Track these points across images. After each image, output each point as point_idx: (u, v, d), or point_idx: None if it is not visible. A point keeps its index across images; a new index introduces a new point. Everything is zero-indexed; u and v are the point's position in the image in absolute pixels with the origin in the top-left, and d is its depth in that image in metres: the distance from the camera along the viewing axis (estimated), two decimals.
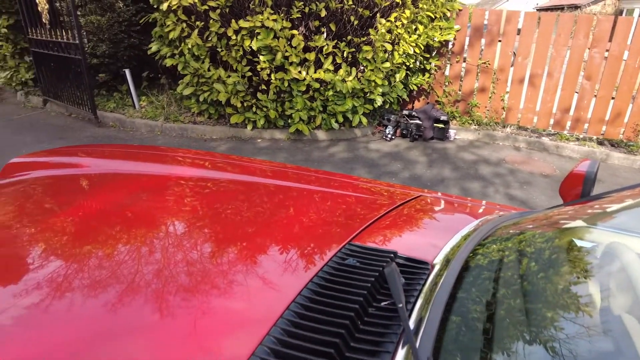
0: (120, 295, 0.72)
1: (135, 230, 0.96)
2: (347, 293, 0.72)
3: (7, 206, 1.17)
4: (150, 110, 5.21)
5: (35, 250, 0.88)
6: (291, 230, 1.00)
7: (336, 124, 4.80)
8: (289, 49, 4.26)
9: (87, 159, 1.67)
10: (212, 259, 0.84)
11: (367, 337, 0.64)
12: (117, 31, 5.37)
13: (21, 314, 0.66)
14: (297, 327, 0.64)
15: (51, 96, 6.01)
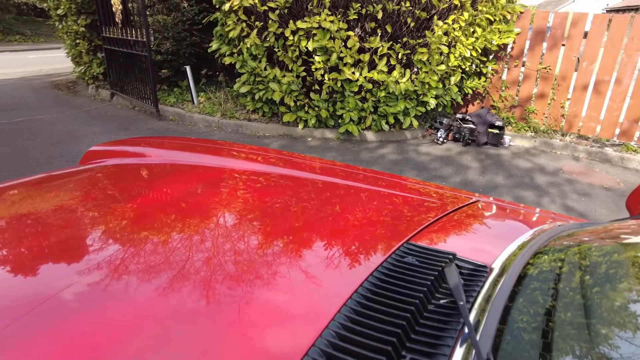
0: (172, 281, 0.74)
1: (193, 220, 1.01)
2: (405, 290, 0.75)
3: (84, 189, 1.30)
4: (208, 106, 5.45)
5: (102, 232, 0.96)
6: (347, 227, 1.03)
7: (386, 125, 4.79)
8: (344, 49, 4.32)
9: (156, 149, 1.79)
10: (267, 253, 0.86)
11: (425, 335, 0.65)
12: (181, 30, 5.66)
13: (81, 291, 0.71)
14: (355, 323, 0.65)
15: (118, 90, 6.43)
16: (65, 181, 1.45)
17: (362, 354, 0.58)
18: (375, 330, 0.63)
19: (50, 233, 0.98)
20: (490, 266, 0.89)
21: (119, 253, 0.85)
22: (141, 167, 1.59)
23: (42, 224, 1.04)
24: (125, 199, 1.18)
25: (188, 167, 1.49)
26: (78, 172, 1.52)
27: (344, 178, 1.42)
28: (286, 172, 1.43)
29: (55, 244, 0.93)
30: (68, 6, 6.36)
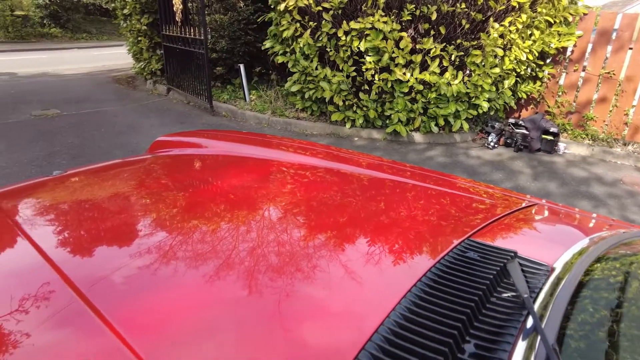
0: (218, 269, 0.76)
1: (247, 211, 1.05)
2: (467, 283, 0.77)
3: (152, 176, 1.41)
4: (259, 103, 5.61)
5: (159, 217, 1.01)
6: (403, 222, 1.05)
7: (436, 127, 4.75)
8: (396, 50, 4.32)
9: (217, 141, 1.89)
10: (328, 245, 0.88)
11: (487, 327, 0.65)
12: (236, 29, 5.87)
13: (130, 274, 0.75)
14: (415, 314, 0.66)
15: (174, 85, 6.74)
16: (136, 167, 1.57)
17: (424, 343, 0.60)
18: (437, 322, 0.64)
19: (121, 213, 1.08)
20: (551, 266, 0.89)
21: (178, 235, 0.90)
22: (203, 157, 1.70)
23: (110, 206, 1.14)
24: (187, 186, 1.27)
25: (246, 159, 1.57)
26: (147, 160, 1.65)
27: (394, 174, 1.45)
28: (347, 169, 1.47)
29: (124, 223, 1.02)
30: (133, 6, 6.75)
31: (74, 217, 1.05)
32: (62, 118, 5.52)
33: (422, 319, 0.65)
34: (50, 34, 16.28)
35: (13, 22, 15.06)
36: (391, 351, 0.59)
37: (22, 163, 3.91)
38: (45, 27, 16.24)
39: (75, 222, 1.02)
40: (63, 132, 4.88)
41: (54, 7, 16.22)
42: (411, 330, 0.63)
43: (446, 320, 0.65)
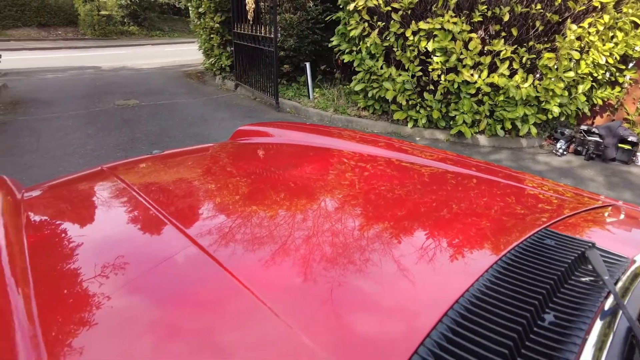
0: (275, 254, 0.79)
1: (318, 197, 1.12)
2: (543, 268, 0.77)
3: (234, 160, 1.55)
4: (322, 101, 5.76)
5: (238, 195, 1.13)
6: (473, 213, 1.08)
7: (502, 130, 4.64)
8: (465, 51, 4.28)
9: (292, 132, 2.02)
10: (398, 231, 0.91)
11: (564, 306, 0.68)
12: (304, 28, 6.05)
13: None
14: (487, 296, 0.68)
15: (242, 81, 7.06)
16: (223, 151, 1.74)
17: (499, 322, 0.62)
18: (513, 299, 0.67)
19: (207, 186, 1.23)
20: (632, 259, 0.90)
21: (232, 220, 0.97)
22: (280, 146, 1.83)
23: (200, 180, 1.30)
24: (265, 170, 1.40)
25: (320, 149, 1.67)
26: (231, 145, 1.81)
27: (461, 167, 1.48)
28: (414, 160, 1.53)
29: (212, 194, 1.16)
30: (208, 5, 7.15)
31: (172, 185, 1.23)
32: (141, 108, 5.98)
33: (496, 301, 0.67)
34: (129, 32, 17.51)
35: (99, 21, 16.37)
36: (468, 326, 0.61)
37: (109, 146, 4.31)
38: (125, 25, 17.49)
39: (174, 190, 1.19)
40: (142, 121, 5.30)
41: (133, 7, 17.44)
42: (485, 309, 0.65)
43: (523, 297, 0.67)
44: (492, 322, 0.62)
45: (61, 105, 6.06)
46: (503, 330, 0.60)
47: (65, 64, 10.51)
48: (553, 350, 0.58)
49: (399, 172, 1.37)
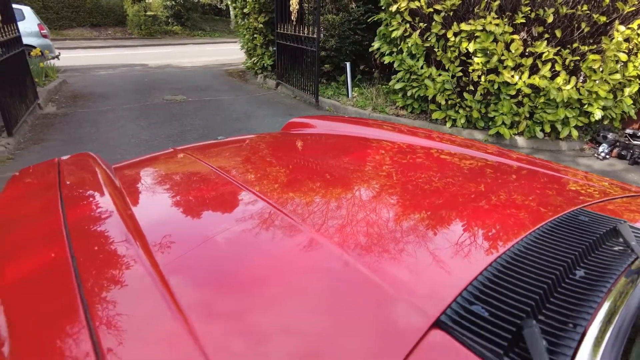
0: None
1: (362, 180, 1.24)
2: (576, 237, 0.86)
3: (287, 148, 1.72)
4: (360, 100, 5.89)
5: (293, 177, 1.27)
6: (510, 200, 1.18)
7: (541, 132, 4.63)
8: (506, 53, 4.31)
9: (340, 124, 2.18)
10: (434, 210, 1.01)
11: (594, 265, 0.76)
12: (346, 28, 6.21)
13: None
14: (523, 256, 0.77)
15: (283, 80, 7.29)
16: (278, 139, 1.91)
17: (532, 276, 0.71)
18: (543, 263, 0.76)
19: (265, 167, 1.41)
20: None
21: (302, 195, 1.10)
22: (328, 136, 1.99)
23: (259, 160, 1.49)
24: (316, 157, 1.55)
25: (365, 139, 1.81)
26: (284, 138, 1.99)
27: (500, 156, 1.58)
28: (466, 152, 1.64)
29: (269, 172, 1.33)
30: (253, 5, 7.43)
31: (239, 162, 1.43)
32: (187, 103, 6.31)
33: (530, 259, 0.77)
34: (173, 31, 18.21)
35: (145, 21, 17.13)
36: (503, 277, 0.71)
37: (161, 137, 4.61)
38: (169, 25, 18.20)
39: (241, 165, 1.39)
40: (190, 115, 5.60)
41: (177, 8, 18.13)
42: (513, 270, 0.74)
43: (554, 258, 0.77)
44: (526, 276, 0.72)
45: (115, 99, 6.48)
46: (536, 283, 0.70)
47: (116, 62, 11.11)
48: (580, 300, 0.68)
49: (437, 161, 1.49)
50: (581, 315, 0.63)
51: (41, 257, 0.82)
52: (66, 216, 0.98)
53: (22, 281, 0.75)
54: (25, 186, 1.35)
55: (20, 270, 0.78)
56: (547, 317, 0.62)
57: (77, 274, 0.71)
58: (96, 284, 0.71)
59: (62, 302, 0.66)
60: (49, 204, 1.09)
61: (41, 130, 4.86)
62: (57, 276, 0.74)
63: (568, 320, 0.62)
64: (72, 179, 1.32)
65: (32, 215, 1.06)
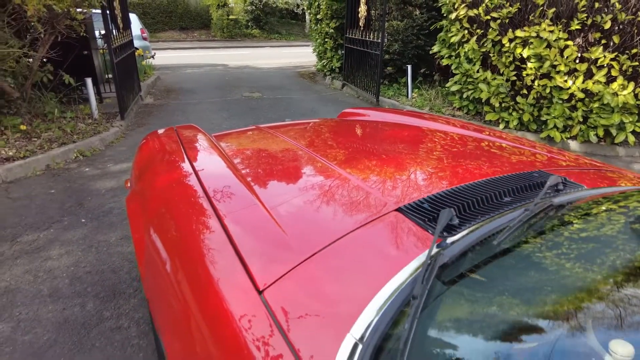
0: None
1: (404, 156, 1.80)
2: (511, 183, 1.34)
3: (343, 131, 2.23)
4: (419, 100, 6.28)
5: (341, 158, 1.83)
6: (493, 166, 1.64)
7: (595, 137, 4.74)
8: (559, 58, 4.51)
9: (387, 114, 2.67)
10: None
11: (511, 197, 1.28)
12: (410, 34, 6.62)
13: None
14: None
15: (348, 81, 7.84)
16: (333, 125, 2.45)
17: (463, 199, 1.22)
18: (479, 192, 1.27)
19: (326, 144, 1.93)
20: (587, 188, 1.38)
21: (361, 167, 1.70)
22: (377, 122, 2.48)
23: (320, 139, 2.02)
24: (365, 139, 2.06)
25: (410, 126, 2.29)
26: (339, 121, 2.52)
27: (512, 142, 1.98)
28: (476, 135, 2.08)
29: (329, 148, 1.86)
30: (326, 12, 8.07)
31: (305, 135, 1.98)
32: (263, 100, 7.08)
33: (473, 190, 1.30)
34: (251, 34, 19.53)
35: (227, 24, 18.58)
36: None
37: (241, 126, 5.34)
38: (248, 29, 19.56)
39: (307, 137, 1.94)
40: (264, 109, 6.35)
41: (257, 12, 19.42)
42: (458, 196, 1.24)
43: (492, 189, 1.26)
44: (469, 195, 1.21)
45: (201, 93, 7.43)
46: (474, 198, 1.18)
47: (200, 61, 12.35)
48: (495, 208, 1.15)
49: (470, 145, 1.95)
50: (487, 213, 1.09)
51: (184, 191, 1.41)
52: (192, 164, 1.59)
53: (177, 205, 1.34)
54: (156, 143, 2.01)
55: (171, 199, 1.38)
56: (468, 214, 1.10)
57: (211, 202, 1.27)
58: (224, 206, 1.24)
59: (203, 215, 1.25)
60: (177, 157, 1.71)
61: (143, 116, 5.84)
62: (197, 203, 1.30)
63: (477, 213, 1.09)
64: (189, 140, 1.96)
65: (167, 164, 1.69)
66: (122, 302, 2.22)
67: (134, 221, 1.49)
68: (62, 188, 3.49)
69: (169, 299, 1.05)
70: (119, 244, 2.74)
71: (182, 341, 0.94)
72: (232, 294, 0.88)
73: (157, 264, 1.18)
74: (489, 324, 0.75)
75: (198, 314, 0.92)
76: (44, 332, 2.00)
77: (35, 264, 2.51)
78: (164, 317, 1.07)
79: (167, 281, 1.09)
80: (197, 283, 0.97)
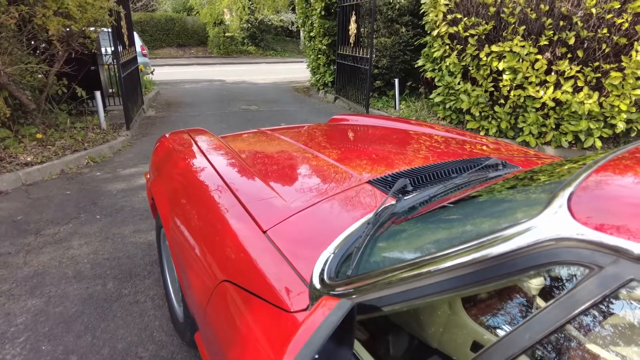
0: None
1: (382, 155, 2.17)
2: (466, 165, 1.72)
3: (330, 133, 2.60)
4: (406, 111, 6.69)
5: (333, 154, 2.20)
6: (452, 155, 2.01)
7: (566, 142, 5.14)
8: (531, 70, 4.93)
9: (374, 119, 3.04)
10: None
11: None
12: (397, 49, 7.07)
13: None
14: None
15: (340, 95, 8.27)
16: (324, 128, 2.81)
17: (419, 175, 1.60)
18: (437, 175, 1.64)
19: (314, 143, 2.30)
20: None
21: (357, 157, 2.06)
22: (364, 126, 2.85)
23: (311, 140, 2.39)
24: (353, 139, 2.43)
25: (392, 129, 2.66)
26: (329, 125, 2.89)
27: (462, 135, 2.35)
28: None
29: (321, 147, 2.22)
30: (318, 30, 8.54)
31: (302, 136, 2.34)
32: (259, 112, 7.47)
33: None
34: (247, 51, 20.09)
35: (224, 42, 19.13)
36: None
37: None
38: (244, 45, 20.12)
39: (302, 138, 2.31)
40: (261, 121, 6.73)
41: (253, 30, 20.02)
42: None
43: (447, 171, 1.64)
44: (425, 173, 1.58)
45: (200, 106, 7.81)
46: (427, 175, 1.55)
47: (198, 77, 12.78)
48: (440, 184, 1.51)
49: (434, 142, 2.32)
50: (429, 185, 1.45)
51: (200, 172, 1.77)
52: (204, 154, 1.95)
53: (202, 193, 1.70)
54: (171, 141, 2.36)
55: (190, 178, 1.74)
56: (420, 185, 1.46)
57: (234, 192, 1.63)
58: (244, 194, 1.61)
59: (224, 196, 1.61)
60: (192, 149, 2.07)
61: (146, 127, 6.20)
62: (220, 192, 1.66)
63: (427, 183, 1.45)
64: (200, 138, 2.31)
65: (184, 154, 2.04)
66: (138, 282, 2.54)
67: (159, 199, 1.84)
68: (77, 189, 3.82)
69: (193, 242, 1.40)
70: (132, 235, 3.06)
71: (201, 276, 1.28)
72: (242, 232, 1.24)
73: (183, 223, 1.53)
74: (415, 243, 1.10)
75: (217, 246, 1.27)
76: (72, 305, 2.31)
77: (59, 252, 2.83)
78: (187, 259, 1.41)
79: (192, 229, 1.44)
80: (215, 228, 1.32)
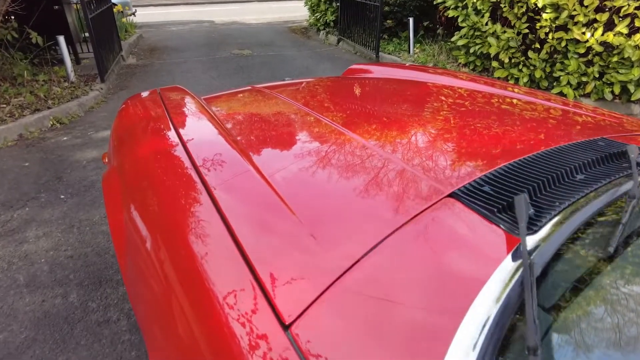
0: None
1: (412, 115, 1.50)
2: (581, 156, 1.07)
3: (347, 90, 1.93)
4: (421, 56, 5.89)
5: (344, 118, 1.54)
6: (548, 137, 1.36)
7: (610, 94, 4.45)
8: (578, 7, 4.14)
9: (395, 69, 2.36)
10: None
11: (590, 172, 0.97)
12: None
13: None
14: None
15: (345, 36, 7.37)
16: (339, 83, 2.14)
17: (529, 178, 0.90)
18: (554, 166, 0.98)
19: (323, 104, 1.64)
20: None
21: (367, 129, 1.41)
22: (387, 80, 2.18)
23: (317, 99, 1.72)
24: (373, 97, 1.77)
25: (419, 82, 1.99)
26: (345, 79, 2.21)
27: (534, 97, 1.70)
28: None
29: (326, 109, 1.57)
30: None
31: (307, 94, 1.69)
32: (253, 57, 6.63)
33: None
34: None
35: None
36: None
37: (231, 87, 4.98)
38: None
39: (308, 96, 1.64)
40: (256, 68, 5.93)
41: None
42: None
43: (559, 165, 0.96)
44: (533, 172, 0.93)
45: (187, 52, 6.94)
46: (539, 177, 0.91)
47: (185, 19, 11.63)
48: (567, 192, 0.88)
49: (481, 100, 1.67)
50: (565, 202, 0.82)
51: (169, 160, 1.14)
52: (177, 130, 1.30)
53: (162, 172, 1.08)
54: (137, 109, 1.70)
55: (158, 167, 1.11)
56: (541, 200, 0.83)
57: (199, 174, 1.01)
58: (214, 176, 0.99)
59: (188, 183, 0.98)
60: (162, 121, 1.42)
61: (125, 78, 5.41)
62: (183, 172, 1.04)
63: (554, 201, 0.82)
64: (175, 104, 1.65)
65: (150, 131, 1.39)
66: (109, 291, 1.98)
67: (110, 202, 1.21)
68: (38, 160, 3.16)
69: (152, 286, 0.80)
70: (104, 222, 2.47)
71: (166, 335, 0.71)
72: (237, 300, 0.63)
73: (139, 249, 0.92)
74: None
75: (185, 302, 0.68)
76: (21, 330, 1.76)
77: (9, 248, 2.24)
78: (148, 309, 0.82)
79: (149, 267, 0.84)
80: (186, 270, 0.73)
